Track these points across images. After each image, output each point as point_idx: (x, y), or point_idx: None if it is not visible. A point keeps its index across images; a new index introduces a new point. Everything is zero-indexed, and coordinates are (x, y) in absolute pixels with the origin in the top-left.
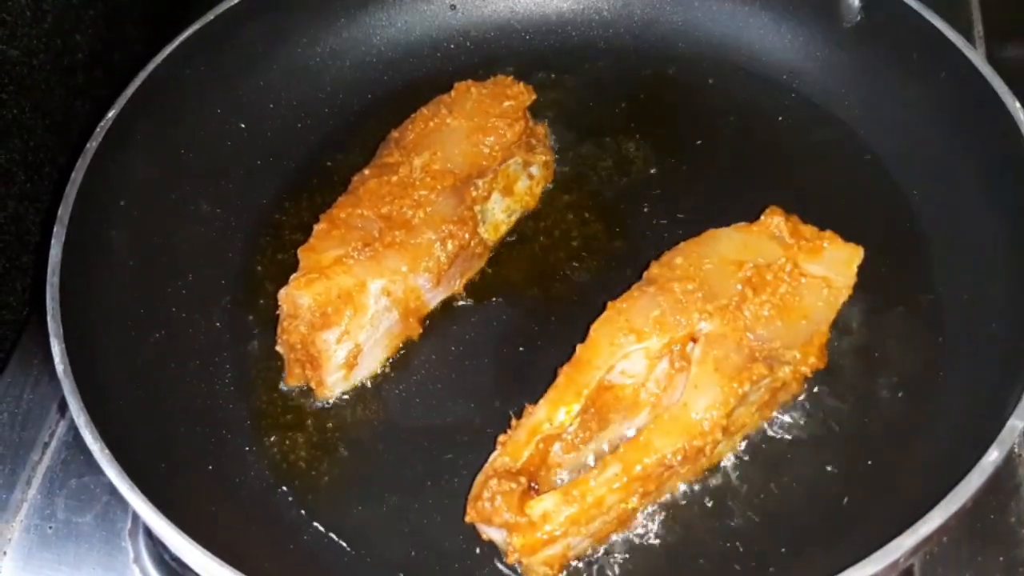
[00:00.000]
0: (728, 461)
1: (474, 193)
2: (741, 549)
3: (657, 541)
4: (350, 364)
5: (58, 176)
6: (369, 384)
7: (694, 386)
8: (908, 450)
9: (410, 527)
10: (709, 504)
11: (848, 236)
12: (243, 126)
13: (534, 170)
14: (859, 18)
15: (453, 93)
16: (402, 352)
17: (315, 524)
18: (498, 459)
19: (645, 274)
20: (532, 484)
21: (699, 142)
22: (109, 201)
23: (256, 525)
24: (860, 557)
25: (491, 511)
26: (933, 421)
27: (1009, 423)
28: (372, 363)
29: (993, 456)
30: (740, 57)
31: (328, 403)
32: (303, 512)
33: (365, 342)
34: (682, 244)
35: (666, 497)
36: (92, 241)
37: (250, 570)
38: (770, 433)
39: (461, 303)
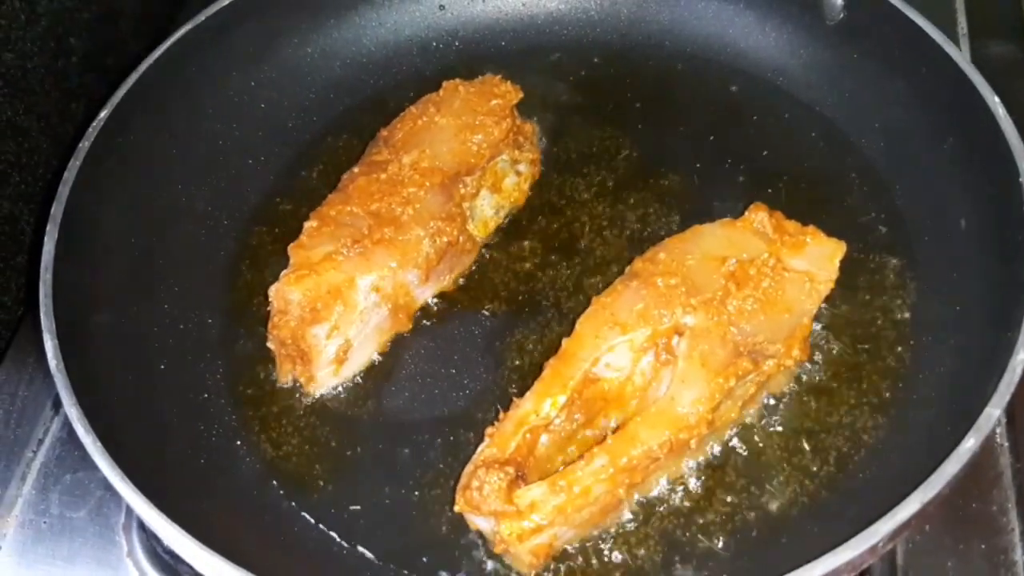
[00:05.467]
0: (712, 452)
1: (462, 190)
2: (722, 537)
3: (642, 531)
4: (340, 359)
5: (51, 176)
6: (359, 379)
7: (681, 380)
8: (887, 438)
9: (399, 518)
10: (692, 494)
11: (831, 231)
12: (234, 126)
13: (522, 167)
14: (842, 16)
15: (441, 92)
16: (392, 347)
17: (305, 516)
18: (486, 450)
19: (629, 269)
20: (520, 474)
21: (685, 139)
22: (101, 200)
23: (248, 518)
24: (839, 542)
25: (479, 500)
26: (912, 409)
27: (986, 411)
28: (362, 358)
29: (970, 443)
30: (725, 55)
31: (318, 398)
32: (293, 504)
33: (355, 337)
34: (666, 240)
35: (651, 488)
36: (85, 239)
37: (242, 561)
38: (753, 423)
39: (450, 299)
